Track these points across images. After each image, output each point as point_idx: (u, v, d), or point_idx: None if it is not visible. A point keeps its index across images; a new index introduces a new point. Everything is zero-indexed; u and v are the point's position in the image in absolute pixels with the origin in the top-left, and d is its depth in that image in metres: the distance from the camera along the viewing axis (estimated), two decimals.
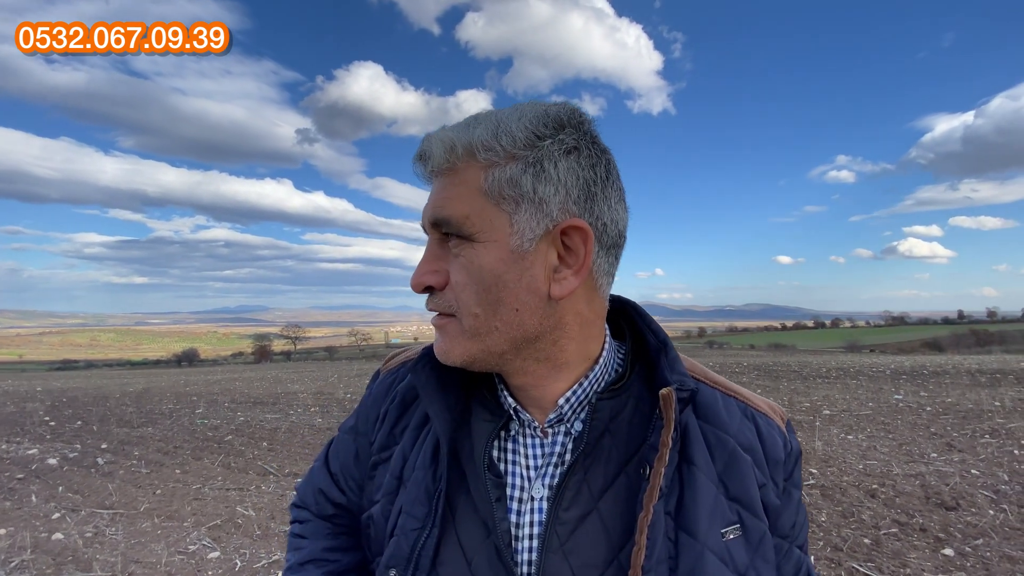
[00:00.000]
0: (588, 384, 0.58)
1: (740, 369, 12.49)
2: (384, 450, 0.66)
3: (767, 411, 0.63)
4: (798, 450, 0.63)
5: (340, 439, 0.74)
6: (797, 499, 0.61)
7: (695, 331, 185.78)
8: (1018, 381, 8.79)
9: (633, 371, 0.60)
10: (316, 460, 0.78)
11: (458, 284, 0.52)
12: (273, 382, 13.23)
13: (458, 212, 0.52)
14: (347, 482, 0.71)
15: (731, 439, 0.58)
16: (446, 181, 0.53)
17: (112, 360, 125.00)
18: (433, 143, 0.54)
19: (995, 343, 55.67)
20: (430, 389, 0.59)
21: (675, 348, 0.60)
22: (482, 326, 0.53)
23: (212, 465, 5.21)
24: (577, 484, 0.55)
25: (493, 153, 0.51)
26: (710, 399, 0.60)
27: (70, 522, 3.71)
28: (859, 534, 3.21)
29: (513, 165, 0.51)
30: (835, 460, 4.68)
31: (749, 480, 0.56)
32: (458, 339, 0.54)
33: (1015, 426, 5.57)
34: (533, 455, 0.59)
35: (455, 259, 0.53)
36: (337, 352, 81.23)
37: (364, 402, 0.73)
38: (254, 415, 7.95)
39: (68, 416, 7.97)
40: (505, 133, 0.51)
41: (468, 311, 0.52)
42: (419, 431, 0.64)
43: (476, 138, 0.51)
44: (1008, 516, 3.34)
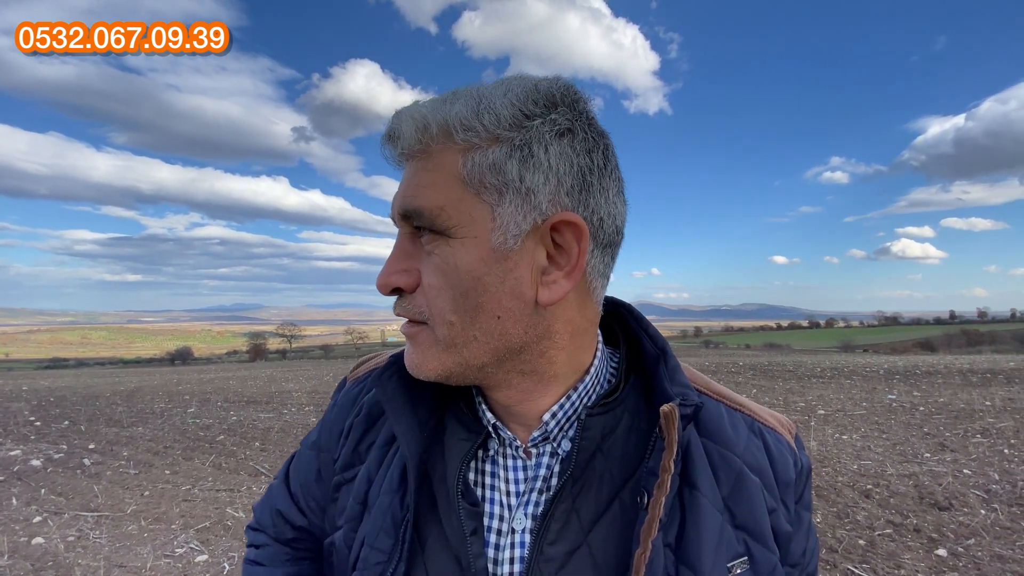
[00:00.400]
0: (577, 397, 0.51)
1: (736, 369, 12.53)
2: (347, 469, 0.58)
3: (775, 425, 0.56)
4: (809, 467, 0.56)
5: (301, 454, 0.66)
6: (808, 522, 0.55)
7: (691, 331, 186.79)
8: (1008, 381, 8.87)
9: (628, 382, 0.53)
10: (276, 477, 0.69)
11: (431, 287, 0.45)
12: (267, 381, 13.12)
13: (431, 203, 0.44)
14: (308, 503, 0.63)
15: (738, 459, 0.51)
16: (418, 166, 0.46)
17: (104, 358, 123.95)
18: (403, 121, 0.46)
19: (985, 343, 56.37)
20: (397, 404, 0.52)
21: (675, 356, 0.53)
22: (459, 336, 0.45)
23: (203, 466, 5.14)
24: (565, 514, 0.48)
25: (473, 134, 0.43)
26: (714, 413, 0.53)
27: (52, 526, 3.63)
28: (854, 535, 3.20)
29: (496, 148, 0.43)
30: (830, 460, 4.68)
31: (758, 505, 0.49)
32: (431, 351, 0.47)
33: (1005, 425, 5.61)
34: (515, 479, 0.51)
35: (427, 257, 0.46)
36: (333, 351, 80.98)
37: (328, 414, 0.64)
38: (247, 414, 7.87)
39: (55, 416, 7.85)
40: (488, 110, 0.43)
41: (442, 319, 0.45)
42: (387, 449, 0.56)
43: (453, 116, 0.43)
44: (999, 516, 3.35)
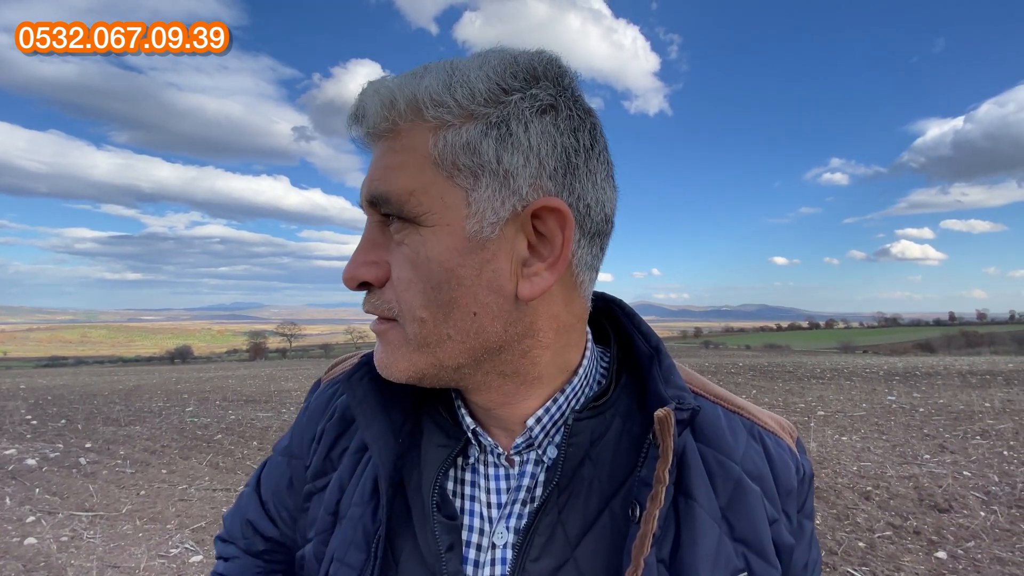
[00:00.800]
0: (564, 400, 0.46)
1: (736, 370, 12.51)
2: (319, 477, 0.54)
3: (776, 429, 0.52)
4: (811, 473, 0.52)
5: (273, 461, 0.61)
6: (810, 532, 0.51)
7: (691, 331, 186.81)
8: (1007, 382, 8.86)
9: (619, 383, 0.49)
10: (246, 485, 0.64)
11: (400, 281, 0.41)
12: (267, 380, 13.10)
13: (399, 187, 0.40)
14: (279, 513, 0.59)
15: (736, 466, 0.47)
16: (385, 147, 0.41)
17: (103, 357, 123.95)
18: (368, 97, 0.41)
19: (985, 345, 56.44)
20: (368, 408, 0.47)
21: (670, 355, 0.49)
22: (431, 334, 0.41)
23: (200, 465, 5.12)
24: (550, 527, 0.43)
25: (445, 110, 0.39)
26: (712, 417, 0.49)
27: (45, 525, 3.60)
28: (853, 537, 3.18)
29: (471, 126, 0.39)
30: (829, 461, 4.67)
31: (758, 516, 0.45)
32: (401, 350, 0.43)
33: (1004, 427, 5.59)
34: (496, 489, 0.47)
35: (397, 248, 0.41)
36: (333, 349, 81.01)
37: (300, 418, 0.60)
38: (245, 413, 7.85)
39: (52, 414, 7.82)
40: (461, 84, 0.39)
41: (412, 315, 0.41)
42: (360, 455, 0.52)
43: (423, 90, 0.39)
44: (999, 518, 3.33)
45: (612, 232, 0.46)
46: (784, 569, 0.47)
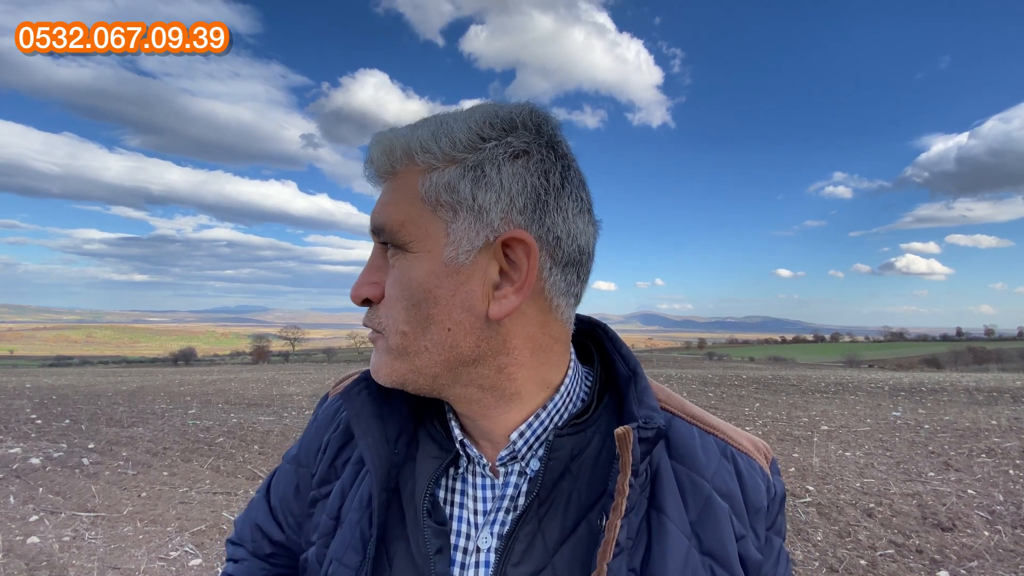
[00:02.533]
0: (547, 416, 0.51)
1: (739, 382, 12.42)
2: (324, 485, 0.59)
3: (750, 450, 0.55)
4: (783, 493, 0.56)
5: (282, 469, 0.66)
6: (779, 548, 0.54)
7: (695, 342, 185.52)
8: (1014, 400, 8.75)
9: (601, 402, 0.53)
10: (257, 491, 0.69)
11: (389, 298, 0.48)
12: (269, 383, 13.13)
13: (393, 219, 0.47)
14: (286, 518, 0.63)
15: (707, 483, 0.50)
16: (387, 186, 0.50)
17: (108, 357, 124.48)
18: (374, 146, 0.50)
19: (992, 361, 55.74)
20: (365, 418, 0.53)
21: (647, 378, 0.53)
22: (411, 345, 0.48)
23: (201, 468, 5.13)
24: (530, 535, 0.47)
25: (431, 156, 0.46)
26: (686, 436, 0.53)
27: (48, 525, 3.63)
28: (855, 555, 3.15)
29: (452, 169, 0.46)
30: (832, 477, 4.62)
31: (725, 531, 0.49)
32: (385, 358, 0.49)
33: (1011, 445, 5.52)
34: (482, 497, 0.51)
35: (391, 270, 0.49)
36: (336, 354, 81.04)
37: (308, 429, 0.65)
38: (247, 417, 7.87)
39: (56, 414, 7.88)
40: (445, 134, 0.46)
41: (395, 328, 0.48)
42: (360, 465, 0.56)
43: (415, 140, 0.47)
44: (1003, 538, 3.29)
45: (590, 262, 0.51)
46: None
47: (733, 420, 7.56)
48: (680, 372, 16.91)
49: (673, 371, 18.02)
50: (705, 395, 10.26)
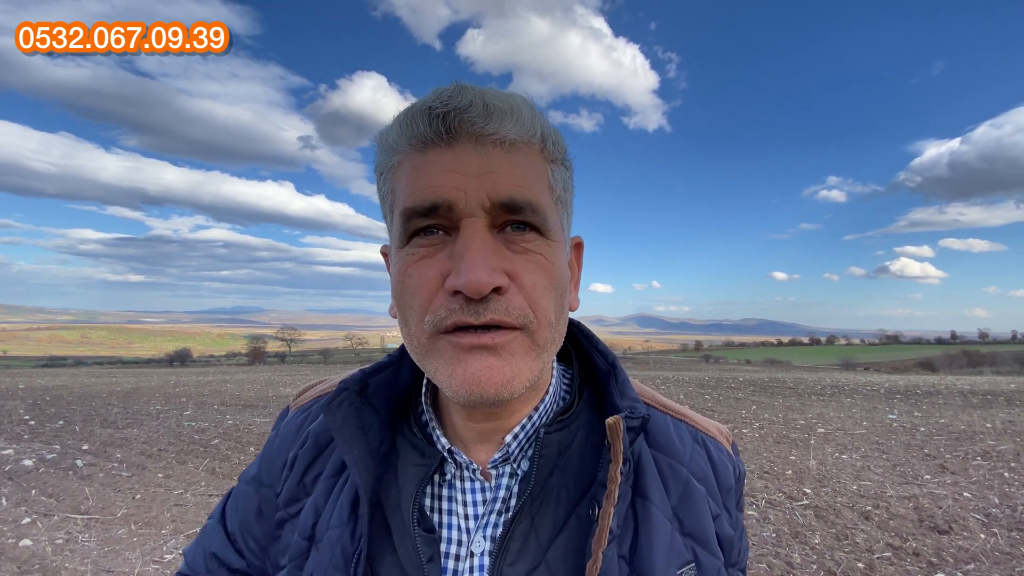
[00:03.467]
0: (538, 416, 0.52)
1: (736, 384, 12.45)
2: (292, 504, 0.55)
3: (716, 434, 0.59)
4: (743, 472, 0.60)
5: (240, 491, 0.62)
6: (742, 523, 0.58)
7: (692, 344, 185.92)
8: (1009, 403, 8.81)
9: (581, 398, 0.54)
10: (210, 517, 0.64)
11: (535, 287, 0.43)
12: (265, 385, 13.07)
13: (542, 201, 0.44)
14: (247, 543, 0.59)
15: (684, 469, 0.53)
16: (512, 158, 0.43)
17: (103, 358, 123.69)
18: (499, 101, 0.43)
19: (986, 364, 56.10)
20: (348, 431, 0.50)
21: (625, 371, 0.55)
22: (551, 338, 0.45)
23: (196, 470, 5.09)
24: (524, 533, 0.47)
25: (557, 150, 0.47)
26: (662, 425, 0.55)
27: (41, 528, 3.59)
28: (853, 558, 3.15)
29: (563, 169, 0.49)
30: (829, 480, 4.63)
31: (703, 513, 0.52)
32: (525, 359, 0.44)
33: (1006, 448, 5.55)
34: (472, 502, 0.51)
35: (525, 255, 0.43)
36: (332, 355, 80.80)
37: (269, 446, 0.61)
38: (243, 418, 7.82)
39: (50, 415, 7.81)
40: (559, 135, 0.48)
41: (547, 320, 0.44)
42: (335, 480, 0.53)
43: (547, 127, 0.46)
44: (999, 540, 3.30)
45: None
46: (726, 558, 0.53)
47: (730, 422, 7.57)
48: (677, 374, 16.92)
49: (670, 373, 18.03)
50: (702, 397, 10.27)
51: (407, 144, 0.44)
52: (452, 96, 0.42)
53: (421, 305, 0.43)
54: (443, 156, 0.42)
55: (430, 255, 0.43)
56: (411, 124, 0.43)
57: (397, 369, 0.56)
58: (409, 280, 0.44)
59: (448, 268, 0.42)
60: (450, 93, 0.42)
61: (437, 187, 0.42)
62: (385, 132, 0.46)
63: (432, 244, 0.44)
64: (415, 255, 0.44)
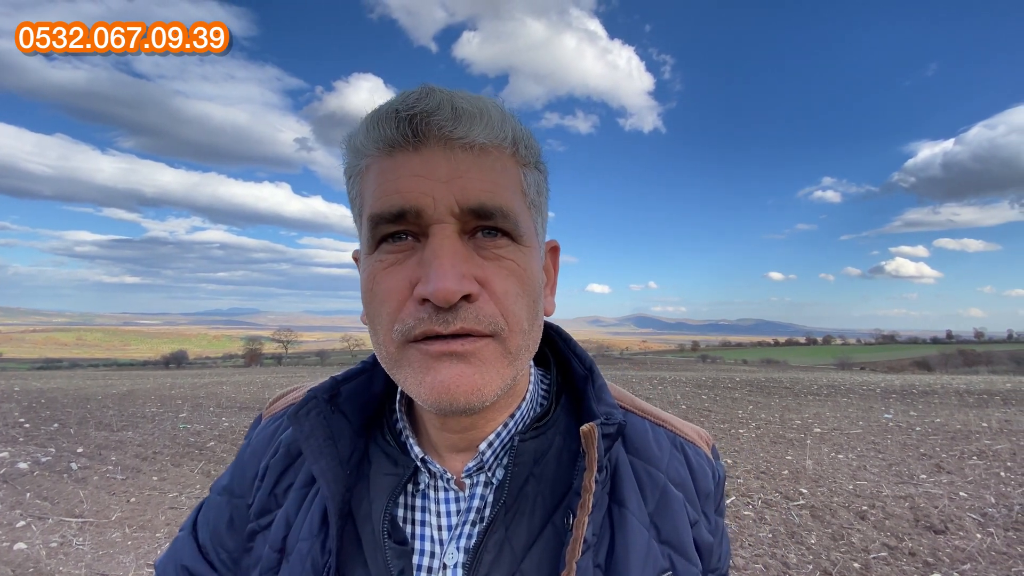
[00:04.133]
0: (513, 424, 0.50)
1: (733, 384, 12.47)
2: (263, 515, 0.54)
3: (695, 439, 0.58)
4: (723, 476, 0.59)
5: (211, 501, 0.60)
6: (723, 528, 0.57)
7: (688, 345, 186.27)
8: (1004, 402, 8.86)
9: (558, 403, 0.53)
10: (181, 528, 0.62)
11: (507, 294, 0.42)
12: (261, 387, 13.03)
13: (513, 206, 0.43)
14: (218, 555, 0.57)
15: (662, 475, 0.52)
16: (481, 162, 0.42)
17: (98, 360, 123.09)
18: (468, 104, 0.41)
19: (982, 363, 56.44)
20: (316, 442, 0.48)
21: (602, 375, 0.54)
22: (523, 345, 0.44)
23: (191, 472, 5.07)
24: (497, 544, 0.46)
25: (529, 153, 0.46)
26: (640, 430, 0.54)
27: (35, 531, 3.57)
28: (849, 558, 3.16)
29: (536, 173, 0.47)
30: (825, 480, 4.64)
31: (681, 520, 0.51)
32: (496, 366, 0.43)
33: (1001, 447, 5.58)
34: (446, 512, 0.50)
35: (496, 261, 0.43)
36: (329, 357, 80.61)
37: (241, 455, 0.59)
38: (239, 420, 7.79)
39: (45, 418, 7.76)
40: (531, 138, 0.47)
41: (519, 327, 0.43)
42: (306, 490, 0.52)
43: (519, 130, 0.45)
44: (995, 540, 3.31)
45: None
46: (704, 564, 0.52)
47: (727, 423, 7.59)
48: (674, 375, 16.95)
49: (667, 373, 18.06)
50: (699, 397, 10.28)
51: (374, 147, 0.43)
52: (419, 99, 0.41)
53: (390, 314, 0.42)
54: (411, 160, 0.41)
55: (398, 262, 0.42)
56: (378, 127, 0.42)
57: (371, 376, 0.55)
58: (378, 287, 0.43)
59: (417, 275, 0.41)
60: (417, 96, 0.41)
61: (405, 192, 0.41)
62: (353, 135, 0.45)
63: (401, 250, 0.43)
64: (383, 262, 0.43)
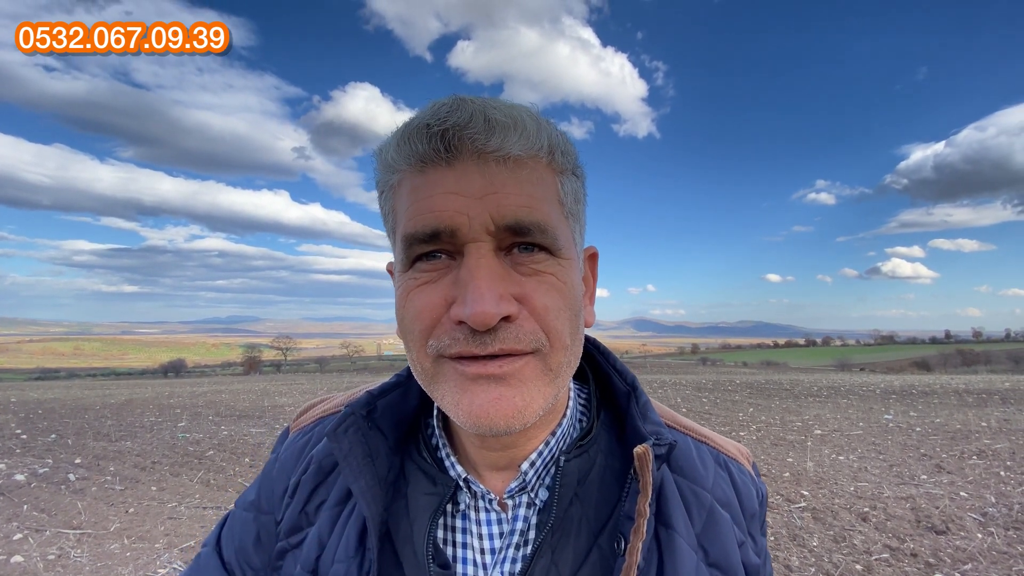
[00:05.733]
0: (555, 442, 0.49)
1: (733, 387, 12.47)
2: (294, 533, 0.52)
3: (737, 456, 0.56)
4: (766, 493, 0.57)
5: (237, 516, 0.58)
6: (766, 549, 0.56)
7: (688, 347, 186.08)
8: (1003, 401, 8.87)
9: (598, 420, 0.52)
10: (204, 544, 0.60)
11: (549, 309, 0.41)
12: (260, 394, 12.97)
13: (551, 220, 0.41)
14: (244, 572, 0.55)
15: (708, 495, 0.50)
16: (517, 175, 0.40)
17: (96, 369, 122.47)
18: (501, 114, 0.40)
19: (981, 363, 56.51)
20: (355, 460, 0.47)
21: (644, 392, 0.53)
22: (566, 361, 0.43)
23: (190, 482, 5.04)
24: (544, 569, 0.44)
25: (567, 160, 0.44)
26: (684, 448, 0.52)
27: (32, 543, 3.54)
28: (851, 559, 3.15)
29: (574, 180, 0.46)
30: (827, 482, 4.64)
31: (729, 541, 0.49)
32: (537, 384, 0.41)
33: (1001, 447, 5.58)
34: (488, 535, 0.48)
35: (535, 277, 0.41)
36: (328, 364, 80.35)
37: (268, 469, 0.57)
38: (238, 429, 7.75)
39: (42, 429, 7.71)
40: (568, 143, 0.45)
41: (562, 343, 0.42)
42: (340, 508, 0.50)
43: (555, 136, 0.43)
44: (996, 540, 3.30)
45: None
46: None
47: (728, 425, 7.58)
48: (674, 378, 16.93)
49: (667, 376, 18.04)
50: (699, 400, 10.27)
51: (405, 163, 0.42)
52: (451, 111, 0.40)
53: (423, 331, 0.41)
54: (444, 176, 0.40)
55: (433, 280, 0.41)
56: (409, 142, 0.41)
57: (405, 390, 0.53)
58: (411, 305, 0.42)
59: (453, 295, 0.40)
60: (449, 108, 0.40)
61: (439, 211, 0.39)
62: (384, 148, 0.44)
63: (435, 269, 0.42)
64: (417, 279, 0.42)
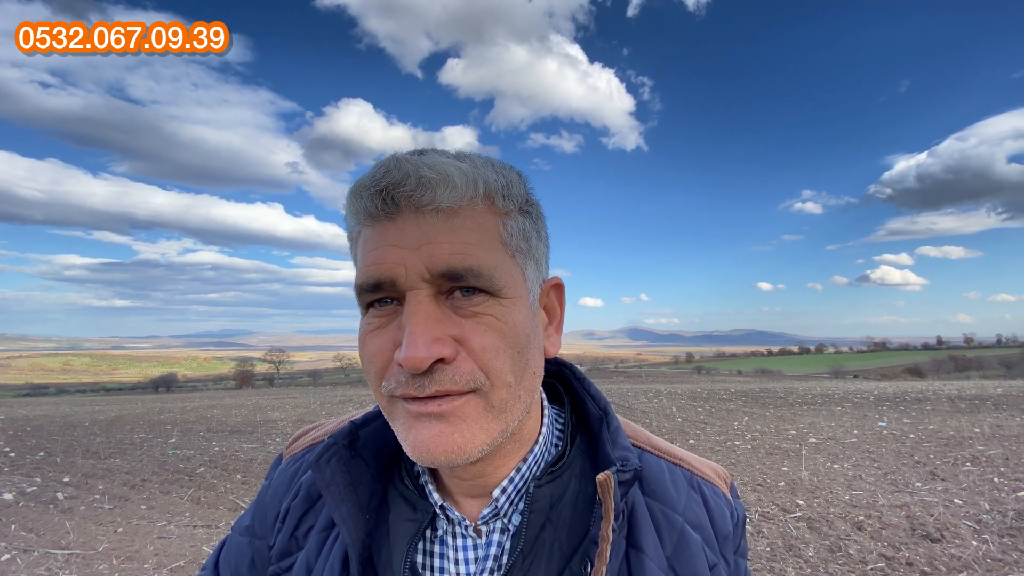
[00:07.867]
0: (527, 469, 0.51)
1: (728, 396, 12.48)
2: (284, 557, 0.55)
3: (712, 478, 0.57)
4: (743, 516, 0.58)
5: (233, 541, 0.61)
6: (744, 569, 0.57)
7: (683, 356, 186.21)
8: (996, 407, 8.93)
9: (573, 444, 0.53)
10: (203, 568, 0.63)
11: (487, 349, 0.43)
12: (253, 409, 12.81)
13: (487, 262, 0.44)
14: None
15: (679, 517, 0.51)
16: (451, 224, 0.43)
17: (85, 385, 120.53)
18: (431, 171, 0.43)
19: (973, 369, 56.99)
20: (337, 489, 0.49)
21: (617, 417, 0.54)
22: (512, 398, 0.44)
23: (181, 500, 4.96)
24: None
25: (510, 202, 0.47)
26: (656, 471, 0.54)
27: (20, 564, 3.47)
28: (846, 570, 3.14)
29: (523, 218, 0.48)
30: (821, 491, 4.64)
31: (699, 564, 0.50)
32: (480, 422, 0.43)
33: (994, 453, 5.61)
34: (464, 559, 0.50)
35: (474, 319, 0.43)
36: (321, 377, 79.55)
37: (262, 495, 0.60)
38: (230, 445, 7.65)
39: (30, 447, 7.57)
40: (513, 184, 0.48)
41: (502, 380, 0.43)
42: (326, 534, 0.53)
43: (494, 181, 0.46)
44: (990, 547, 3.31)
45: None
46: None
47: (723, 435, 7.58)
48: (669, 387, 16.92)
49: (662, 386, 18.03)
50: (694, 409, 10.27)
51: (356, 220, 0.46)
52: (388, 171, 0.43)
53: (376, 373, 0.45)
54: (387, 230, 0.44)
55: (383, 325, 0.45)
56: (359, 199, 0.45)
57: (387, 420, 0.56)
58: (366, 349, 0.45)
59: (399, 339, 0.43)
60: (386, 168, 0.44)
61: (380, 264, 0.43)
62: (345, 201, 0.48)
63: (385, 315, 0.45)
64: (371, 324, 0.46)
